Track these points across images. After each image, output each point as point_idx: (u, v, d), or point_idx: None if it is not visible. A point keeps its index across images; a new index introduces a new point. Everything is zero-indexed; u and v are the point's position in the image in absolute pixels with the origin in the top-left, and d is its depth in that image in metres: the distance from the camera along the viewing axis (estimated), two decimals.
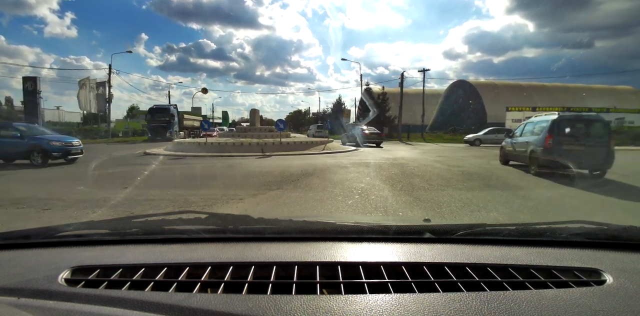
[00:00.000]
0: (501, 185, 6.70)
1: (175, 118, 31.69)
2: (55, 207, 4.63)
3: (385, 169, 8.84)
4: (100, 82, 36.20)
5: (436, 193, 5.61)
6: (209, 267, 0.82)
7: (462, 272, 0.81)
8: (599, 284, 0.75)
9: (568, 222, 1.09)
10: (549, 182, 6.98)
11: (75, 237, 1.07)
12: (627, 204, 5.16)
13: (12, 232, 1.09)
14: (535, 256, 0.90)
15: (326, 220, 1.27)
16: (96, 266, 0.84)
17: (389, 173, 8.12)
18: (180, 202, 5.01)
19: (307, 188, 6.23)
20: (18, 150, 10.30)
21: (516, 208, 4.67)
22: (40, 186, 6.80)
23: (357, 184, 6.46)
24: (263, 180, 6.98)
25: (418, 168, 8.98)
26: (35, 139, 10.45)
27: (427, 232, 1.03)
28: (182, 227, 1.11)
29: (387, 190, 5.86)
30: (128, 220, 1.37)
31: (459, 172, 8.42)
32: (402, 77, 33.08)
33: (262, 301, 0.66)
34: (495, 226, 1.12)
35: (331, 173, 8.14)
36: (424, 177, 7.39)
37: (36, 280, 0.76)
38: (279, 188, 6.19)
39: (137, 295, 0.70)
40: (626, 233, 1.03)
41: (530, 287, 0.74)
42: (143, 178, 7.46)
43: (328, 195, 5.49)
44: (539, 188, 6.45)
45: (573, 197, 5.69)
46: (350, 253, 0.91)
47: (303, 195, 5.65)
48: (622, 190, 6.41)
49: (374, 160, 11.31)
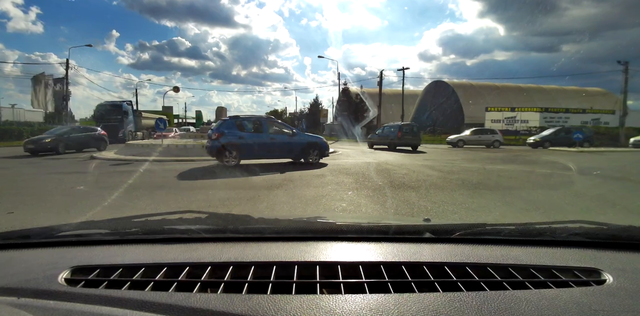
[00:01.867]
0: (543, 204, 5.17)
1: (130, 117, 27.91)
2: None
3: (369, 179, 7.16)
4: (57, 78, 33.06)
5: (443, 214, 4.20)
6: (209, 267, 0.82)
7: (462, 272, 0.81)
8: (599, 284, 0.75)
9: (568, 221, 1.09)
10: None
11: (75, 236, 1.06)
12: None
13: (12, 232, 1.09)
14: (535, 256, 0.90)
15: (326, 220, 1.28)
16: (96, 266, 0.83)
17: (374, 184, 6.52)
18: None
19: (271, 207, 4.60)
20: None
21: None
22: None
23: (336, 203, 4.83)
24: (209, 197, 5.32)
25: (408, 177, 7.48)
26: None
27: (427, 231, 1.03)
28: (182, 226, 1.10)
29: (377, 215, 4.37)
30: (128, 220, 1.33)
31: (459, 181, 7.00)
32: (382, 75, 32.28)
33: (262, 301, 0.66)
34: (495, 226, 1.11)
35: (304, 185, 6.46)
36: (420, 190, 5.84)
37: (36, 280, 0.76)
38: (239, 205, 4.67)
39: (137, 294, 0.70)
40: (626, 233, 1.03)
41: (530, 287, 0.74)
42: (44, 196, 5.60)
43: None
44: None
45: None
46: (350, 253, 0.91)
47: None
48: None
49: (355, 166, 9.66)
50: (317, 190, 5.81)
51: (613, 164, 12.11)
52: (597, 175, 8.67)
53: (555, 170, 9.93)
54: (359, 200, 5.05)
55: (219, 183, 6.81)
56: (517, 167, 10.65)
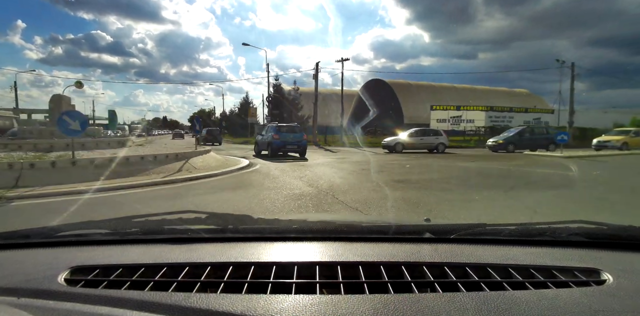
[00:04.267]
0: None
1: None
2: None
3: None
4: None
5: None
6: (209, 267, 0.82)
7: (462, 272, 0.81)
8: (599, 284, 0.75)
9: (568, 221, 1.08)
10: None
11: (75, 236, 1.06)
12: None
13: (12, 232, 1.09)
14: (535, 256, 0.90)
15: (326, 220, 1.28)
16: (96, 266, 0.83)
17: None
18: None
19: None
20: None
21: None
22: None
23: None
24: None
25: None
26: None
27: (427, 231, 1.02)
28: (182, 226, 1.10)
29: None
30: (128, 220, 1.33)
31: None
32: (317, 67, 26.59)
33: (262, 301, 0.66)
34: (495, 226, 1.10)
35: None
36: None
37: (36, 280, 0.76)
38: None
39: (137, 294, 0.70)
40: (626, 233, 1.03)
41: (530, 287, 0.74)
42: None
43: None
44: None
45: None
46: (350, 253, 0.91)
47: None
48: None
49: (269, 199, 5.19)
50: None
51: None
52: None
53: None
54: None
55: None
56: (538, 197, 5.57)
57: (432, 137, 18.84)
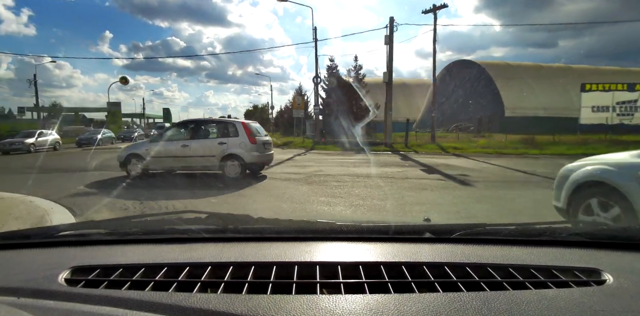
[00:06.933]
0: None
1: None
2: None
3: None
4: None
5: None
6: (209, 267, 0.82)
7: (462, 272, 0.81)
8: (599, 284, 0.75)
9: (568, 221, 1.11)
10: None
11: (75, 236, 1.07)
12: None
13: (12, 232, 1.10)
14: (535, 256, 0.90)
15: (326, 220, 1.27)
16: (96, 266, 0.84)
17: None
18: None
19: None
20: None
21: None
22: None
23: None
24: None
25: None
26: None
27: (427, 231, 1.03)
28: (182, 226, 1.10)
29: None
30: (128, 220, 1.33)
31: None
32: (392, 24, 17.44)
33: (262, 301, 0.66)
34: (495, 226, 1.11)
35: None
36: None
37: (36, 280, 0.76)
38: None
39: (137, 294, 0.70)
40: (626, 233, 1.03)
41: (531, 287, 0.74)
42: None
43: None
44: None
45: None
46: (350, 253, 0.91)
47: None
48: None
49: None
50: None
51: None
52: None
53: None
54: None
55: None
56: None
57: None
